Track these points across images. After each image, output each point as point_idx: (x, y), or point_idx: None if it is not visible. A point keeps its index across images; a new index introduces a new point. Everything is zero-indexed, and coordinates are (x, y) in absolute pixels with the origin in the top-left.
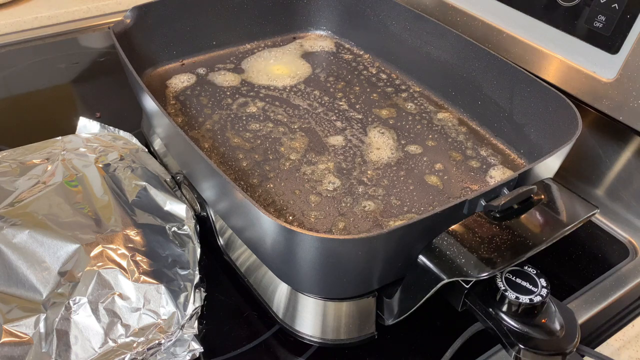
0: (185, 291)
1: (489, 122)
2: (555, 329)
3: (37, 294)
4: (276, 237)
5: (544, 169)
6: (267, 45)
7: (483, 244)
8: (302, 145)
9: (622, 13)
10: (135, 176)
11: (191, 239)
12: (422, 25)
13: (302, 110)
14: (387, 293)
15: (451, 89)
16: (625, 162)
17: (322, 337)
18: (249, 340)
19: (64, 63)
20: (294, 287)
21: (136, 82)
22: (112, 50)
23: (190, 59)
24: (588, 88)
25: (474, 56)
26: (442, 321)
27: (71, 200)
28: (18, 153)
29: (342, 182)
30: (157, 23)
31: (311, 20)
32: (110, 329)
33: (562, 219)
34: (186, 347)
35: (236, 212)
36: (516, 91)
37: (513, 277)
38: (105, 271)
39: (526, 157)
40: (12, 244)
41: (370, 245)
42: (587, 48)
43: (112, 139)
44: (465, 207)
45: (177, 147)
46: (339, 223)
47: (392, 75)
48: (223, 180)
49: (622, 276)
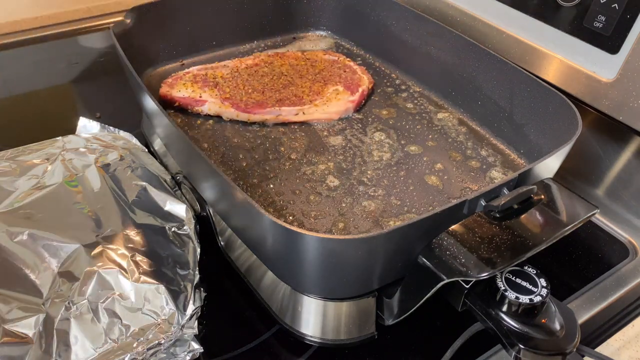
0: (185, 291)
1: (489, 122)
2: (555, 329)
3: (37, 294)
4: (276, 238)
5: (544, 169)
6: (267, 45)
7: (483, 244)
8: (302, 145)
9: (622, 13)
10: (135, 176)
11: (191, 239)
12: (422, 25)
13: None
14: (387, 293)
15: (451, 89)
16: (625, 162)
17: (322, 337)
18: (249, 340)
19: (64, 63)
20: (294, 287)
21: (136, 82)
22: (112, 50)
23: (190, 59)
24: (588, 88)
25: (474, 56)
26: (442, 321)
27: (71, 200)
28: (18, 153)
29: (342, 182)
30: (157, 23)
31: (311, 20)
32: (110, 329)
33: (562, 219)
34: (186, 347)
35: (236, 212)
36: (516, 91)
37: (513, 277)
38: (105, 271)
39: (526, 157)
40: (12, 244)
41: (370, 245)
42: (587, 48)
43: (112, 139)
44: (465, 207)
45: (177, 147)
46: (339, 223)
47: (392, 75)
48: (223, 180)
49: (622, 276)
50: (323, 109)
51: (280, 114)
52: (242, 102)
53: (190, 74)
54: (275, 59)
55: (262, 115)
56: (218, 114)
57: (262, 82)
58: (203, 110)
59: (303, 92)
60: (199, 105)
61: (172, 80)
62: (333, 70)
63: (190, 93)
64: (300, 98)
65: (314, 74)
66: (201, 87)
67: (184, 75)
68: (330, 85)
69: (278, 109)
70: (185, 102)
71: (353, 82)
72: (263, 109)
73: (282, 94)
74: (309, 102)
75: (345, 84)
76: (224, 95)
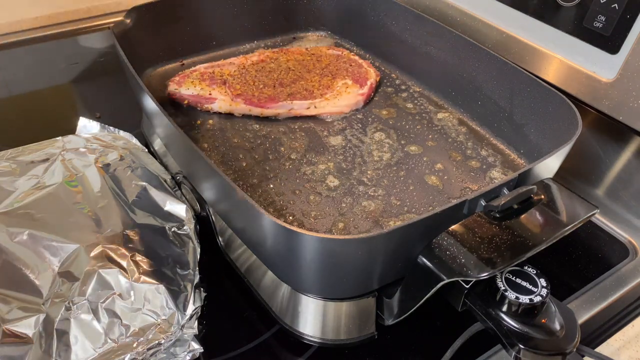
0: (185, 291)
1: (489, 122)
2: (555, 329)
3: (37, 294)
4: (276, 238)
5: (544, 169)
6: (267, 45)
7: (483, 244)
8: (302, 145)
9: (622, 13)
10: (135, 176)
11: (191, 239)
12: (422, 25)
13: None
14: (387, 293)
15: (451, 89)
16: (625, 162)
17: (322, 337)
18: (249, 340)
19: (64, 63)
20: (294, 287)
21: (136, 82)
22: (112, 50)
23: (190, 59)
24: (588, 88)
25: (474, 56)
26: (442, 321)
27: (71, 200)
28: (18, 153)
29: (342, 182)
30: (157, 23)
31: (311, 20)
32: (110, 329)
33: (562, 219)
34: (186, 347)
35: (236, 212)
36: (516, 91)
37: (513, 277)
38: (105, 271)
39: (526, 157)
40: (12, 244)
41: (370, 245)
42: (587, 48)
43: (112, 139)
44: (465, 207)
45: (177, 147)
46: (339, 223)
47: (392, 75)
48: (223, 180)
49: (622, 276)
50: (334, 102)
51: (292, 107)
52: (254, 97)
53: (197, 72)
54: (280, 55)
55: (275, 109)
56: (229, 112)
57: (271, 77)
58: (213, 108)
59: (313, 86)
60: (208, 103)
61: (179, 79)
62: (339, 65)
63: (199, 91)
64: (310, 92)
65: (321, 68)
66: (209, 85)
67: (191, 73)
68: (339, 79)
69: (290, 103)
70: (195, 100)
71: (360, 76)
72: (276, 103)
73: (292, 88)
74: (319, 96)
75: (353, 77)
76: (235, 92)
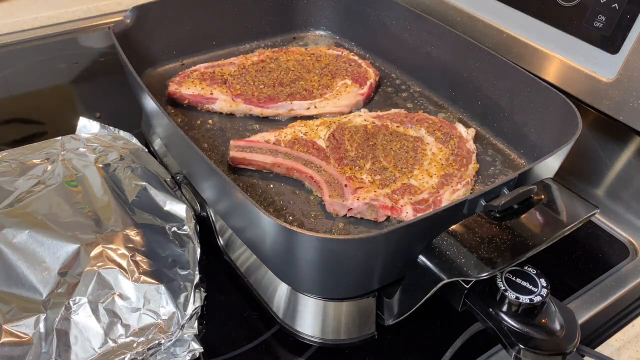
0: (185, 291)
1: (489, 122)
2: (555, 329)
3: (37, 294)
4: (276, 238)
5: (544, 169)
6: (267, 45)
7: (483, 244)
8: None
9: (622, 13)
10: (135, 176)
11: (191, 239)
12: (422, 25)
13: None
14: (387, 293)
15: (451, 89)
16: (625, 162)
17: (322, 337)
18: (249, 340)
19: (64, 63)
20: (294, 287)
21: (136, 82)
22: (112, 50)
23: (190, 59)
24: (588, 88)
25: (474, 56)
26: (442, 321)
27: (71, 200)
28: (18, 153)
29: None
30: (157, 23)
31: (311, 20)
32: (110, 329)
33: (562, 219)
34: (186, 347)
35: (236, 212)
36: (516, 91)
37: (513, 277)
38: (105, 271)
39: (526, 157)
40: (12, 244)
41: (370, 245)
42: (587, 48)
43: (112, 139)
44: (465, 207)
45: (177, 147)
46: (339, 223)
47: (392, 75)
48: (223, 180)
49: (622, 276)
50: (334, 102)
51: (292, 107)
52: (254, 97)
53: (197, 71)
54: (279, 54)
55: (275, 109)
56: (229, 112)
57: (270, 77)
58: (213, 108)
59: (312, 86)
60: (209, 102)
61: (179, 79)
62: (339, 65)
63: (200, 91)
64: (310, 92)
65: (320, 68)
66: (210, 85)
67: (192, 73)
68: (338, 79)
69: (290, 103)
70: (196, 100)
71: (360, 76)
72: (275, 103)
73: (292, 88)
74: (319, 96)
75: (353, 77)
76: (235, 92)
